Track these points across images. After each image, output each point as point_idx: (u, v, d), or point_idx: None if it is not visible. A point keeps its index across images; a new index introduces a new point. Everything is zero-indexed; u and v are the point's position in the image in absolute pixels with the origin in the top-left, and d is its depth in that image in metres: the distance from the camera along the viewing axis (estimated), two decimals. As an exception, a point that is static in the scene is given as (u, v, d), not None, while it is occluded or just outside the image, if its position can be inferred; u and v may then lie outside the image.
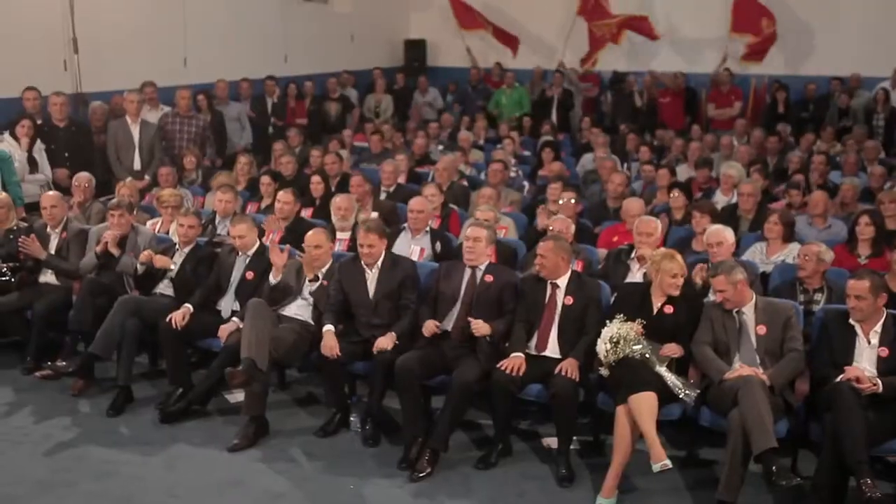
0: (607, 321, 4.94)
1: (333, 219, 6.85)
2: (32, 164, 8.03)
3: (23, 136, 7.96)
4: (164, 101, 9.69)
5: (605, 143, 10.20)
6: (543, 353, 5.18)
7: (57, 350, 6.30)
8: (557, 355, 5.15)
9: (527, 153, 11.05)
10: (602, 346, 4.82)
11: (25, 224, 6.82)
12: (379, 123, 12.42)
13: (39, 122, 8.29)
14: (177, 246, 6.30)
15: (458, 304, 5.35)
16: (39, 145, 8.15)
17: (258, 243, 6.14)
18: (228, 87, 10.86)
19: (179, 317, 5.70)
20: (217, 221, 7.19)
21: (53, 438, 5.38)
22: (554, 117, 13.19)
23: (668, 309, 5.07)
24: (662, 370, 4.77)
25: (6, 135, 7.97)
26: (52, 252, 6.58)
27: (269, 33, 12.41)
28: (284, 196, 6.97)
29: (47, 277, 6.60)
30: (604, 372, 4.88)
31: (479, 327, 5.13)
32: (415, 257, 6.21)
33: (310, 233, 5.87)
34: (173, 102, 9.55)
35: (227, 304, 5.99)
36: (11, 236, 6.63)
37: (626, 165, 9.88)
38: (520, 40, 14.93)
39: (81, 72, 9.25)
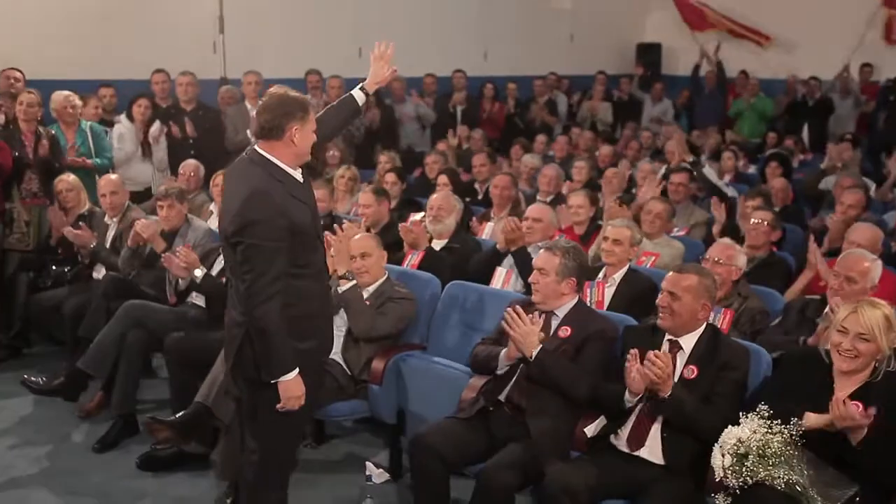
0: (742, 414, 2.88)
1: (426, 220, 5.24)
2: (147, 148, 7.21)
3: (138, 116, 7.17)
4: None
5: (852, 161, 7.66)
6: (636, 453, 3.20)
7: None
8: (659, 460, 3.15)
9: (753, 171, 8.71)
10: (719, 459, 2.78)
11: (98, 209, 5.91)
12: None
13: (166, 104, 7.49)
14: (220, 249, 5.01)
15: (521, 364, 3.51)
16: (160, 127, 7.32)
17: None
18: (405, 83, 9.61)
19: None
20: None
21: (4, 475, 4.24)
22: (806, 132, 10.64)
23: (858, 405, 2.88)
24: (828, 518, 2.65)
25: (122, 116, 7.23)
26: (108, 244, 5.57)
27: (466, 27, 11.07)
28: (364, 198, 5.52)
29: (101, 273, 5.58)
30: (722, 501, 2.81)
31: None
32: (496, 283, 4.43)
33: (356, 237, 4.33)
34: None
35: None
36: (81, 222, 5.73)
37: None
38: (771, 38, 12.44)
39: (228, 55, 8.40)
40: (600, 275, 4.45)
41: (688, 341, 3.29)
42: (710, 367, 3.19)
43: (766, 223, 4.89)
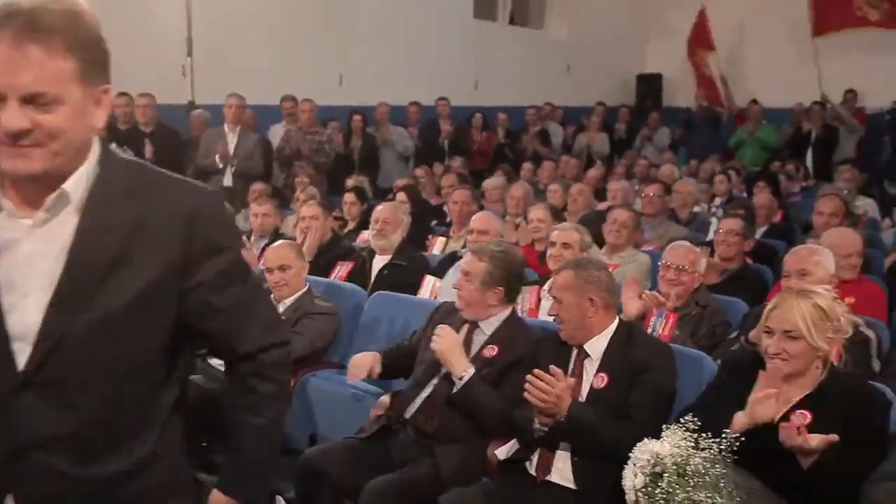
0: (665, 427, 2.40)
1: (369, 234, 4.83)
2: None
3: (91, 137, 6.87)
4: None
5: (851, 180, 7.17)
6: (547, 478, 2.71)
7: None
8: (570, 484, 2.66)
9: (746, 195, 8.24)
10: (631, 479, 2.30)
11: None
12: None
13: (126, 128, 7.19)
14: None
15: (434, 379, 3.05)
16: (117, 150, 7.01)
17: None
18: (390, 112, 9.29)
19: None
20: (252, 242, 5.47)
21: None
22: (810, 160, 10.16)
23: (805, 416, 2.39)
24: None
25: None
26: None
27: (456, 56, 10.74)
28: (308, 209, 5.09)
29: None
30: (637, 531, 2.33)
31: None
32: (424, 292, 3.99)
33: (273, 246, 3.94)
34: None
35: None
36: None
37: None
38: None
39: (196, 78, 8.11)
40: (547, 284, 4.00)
41: (595, 346, 2.80)
42: (621, 372, 2.71)
43: (734, 232, 4.43)
